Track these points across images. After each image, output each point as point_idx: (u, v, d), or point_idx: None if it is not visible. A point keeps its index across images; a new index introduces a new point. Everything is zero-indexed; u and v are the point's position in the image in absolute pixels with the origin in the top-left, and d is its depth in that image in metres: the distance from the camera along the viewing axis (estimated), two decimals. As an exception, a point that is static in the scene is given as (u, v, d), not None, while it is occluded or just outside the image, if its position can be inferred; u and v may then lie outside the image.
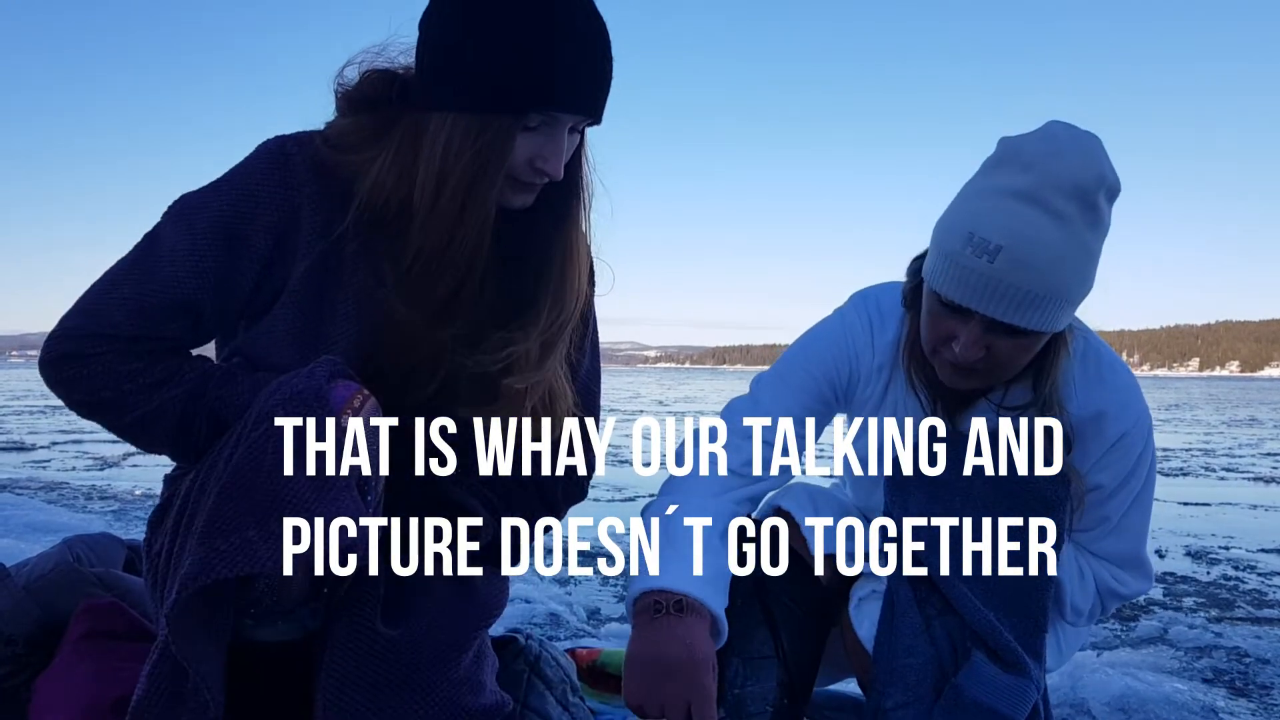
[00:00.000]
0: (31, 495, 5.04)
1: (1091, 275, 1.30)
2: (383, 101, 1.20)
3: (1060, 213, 1.23)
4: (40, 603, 1.56)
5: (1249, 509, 5.66)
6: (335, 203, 1.20)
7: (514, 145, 1.15)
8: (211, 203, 1.18)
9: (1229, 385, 75.31)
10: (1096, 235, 1.28)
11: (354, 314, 1.21)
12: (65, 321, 1.17)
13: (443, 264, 1.20)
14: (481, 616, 1.26)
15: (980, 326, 1.29)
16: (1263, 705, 2.15)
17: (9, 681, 1.50)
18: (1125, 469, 1.46)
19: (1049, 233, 1.23)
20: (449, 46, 1.14)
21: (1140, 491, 1.49)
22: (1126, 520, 1.49)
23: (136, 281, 1.17)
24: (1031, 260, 1.23)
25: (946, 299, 1.30)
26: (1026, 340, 1.31)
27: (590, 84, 1.15)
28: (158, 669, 1.07)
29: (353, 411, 1.08)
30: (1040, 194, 1.24)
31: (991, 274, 1.24)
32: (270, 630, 1.17)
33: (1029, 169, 1.25)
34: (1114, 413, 1.44)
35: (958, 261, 1.27)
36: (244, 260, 1.18)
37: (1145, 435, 1.47)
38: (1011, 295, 1.24)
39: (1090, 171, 1.25)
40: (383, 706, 1.14)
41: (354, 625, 1.14)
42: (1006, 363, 1.34)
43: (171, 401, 1.15)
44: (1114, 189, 1.29)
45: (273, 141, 1.22)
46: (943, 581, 1.42)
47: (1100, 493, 1.47)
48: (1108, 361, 1.48)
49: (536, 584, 3.08)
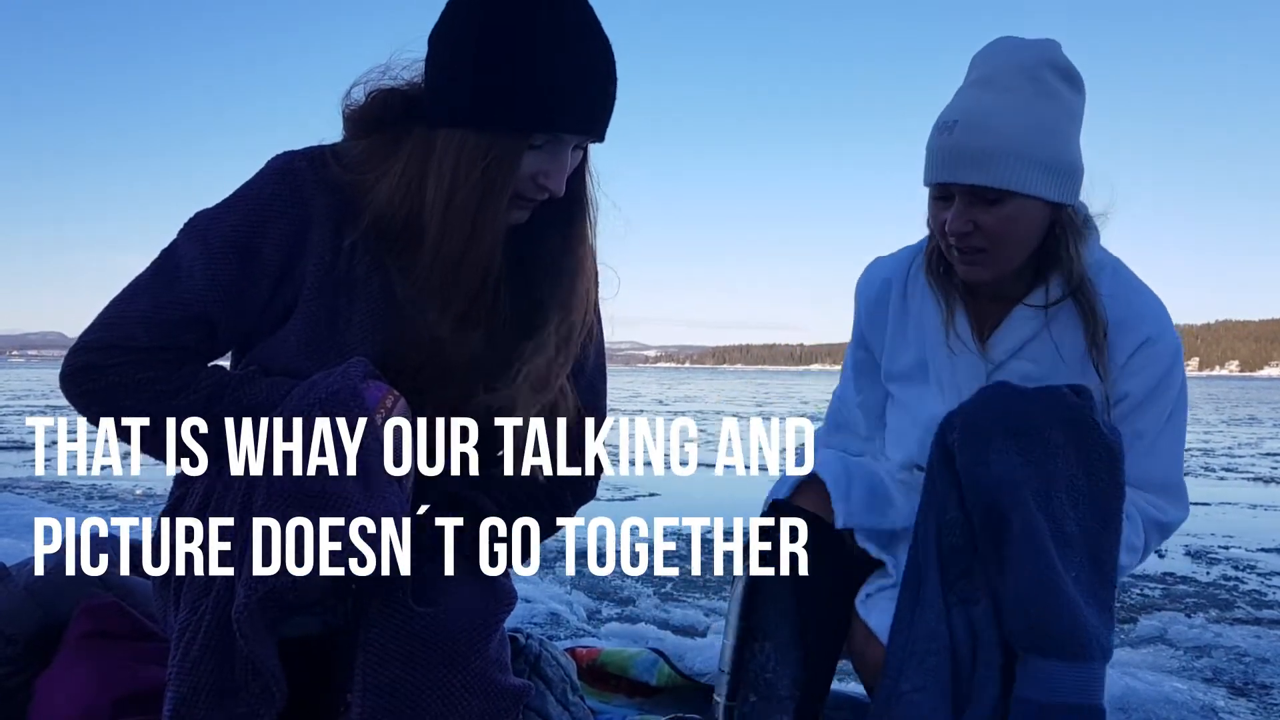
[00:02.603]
0: (31, 495, 5.05)
1: (1056, 141, 1.40)
2: (390, 119, 1.23)
3: (1006, 86, 1.41)
4: (40, 603, 1.56)
5: (1248, 509, 5.66)
6: (345, 217, 1.22)
7: (521, 163, 1.17)
8: (224, 218, 1.21)
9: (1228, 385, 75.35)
10: (1052, 103, 1.41)
11: (369, 326, 1.24)
12: (84, 336, 1.20)
13: (456, 279, 1.22)
14: (503, 601, 1.28)
15: (961, 201, 1.41)
16: (1262, 705, 2.15)
17: (9, 681, 1.50)
18: (1154, 378, 1.46)
19: (996, 101, 1.40)
20: (457, 64, 1.16)
21: (1173, 411, 1.49)
22: (1162, 440, 1.49)
23: (153, 295, 1.19)
24: (981, 123, 1.39)
25: (929, 184, 1.45)
26: (1006, 209, 1.40)
27: (594, 105, 1.18)
28: (200, 665, 1.09)
29: (385, 411, 1.11)
30: (988, 77, 1.43)
31: (952, 144, 1.40)
32: (289, 624, 1.18)
33: (981, 65, 1.46)
34: (1141, 317, 1.47)
35: (930, 147, 1.44)
36: (257, 274, 1.21)
37: (1174, 349, 1.49)
38: (970, 156, 1.38)
39: (1031, 53, 1.42)
40: (420, 679, 1.16)
41: (389, 604, 1.17)
42: (996, 237, 1.41)
43: (191, 407, 1.17)
44: (1058, 65, 1.42)
45: (282, 157, 1.24)
46: (1017, 539, 1.32)
47: (1128, 402, 1.47)
48: (1137, 281, 1.52)
49: (536, 583, 3.08)
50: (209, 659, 1.09)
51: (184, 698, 1.10)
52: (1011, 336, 1.51)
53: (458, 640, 1.19)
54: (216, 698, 1.10)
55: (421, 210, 1.20)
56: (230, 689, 1.10)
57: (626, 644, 2.34)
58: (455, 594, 1.22)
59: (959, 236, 1.42)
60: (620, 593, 3.13)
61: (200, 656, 1.10)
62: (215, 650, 1.09)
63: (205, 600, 1.11)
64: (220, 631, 1.09)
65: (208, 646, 1.09)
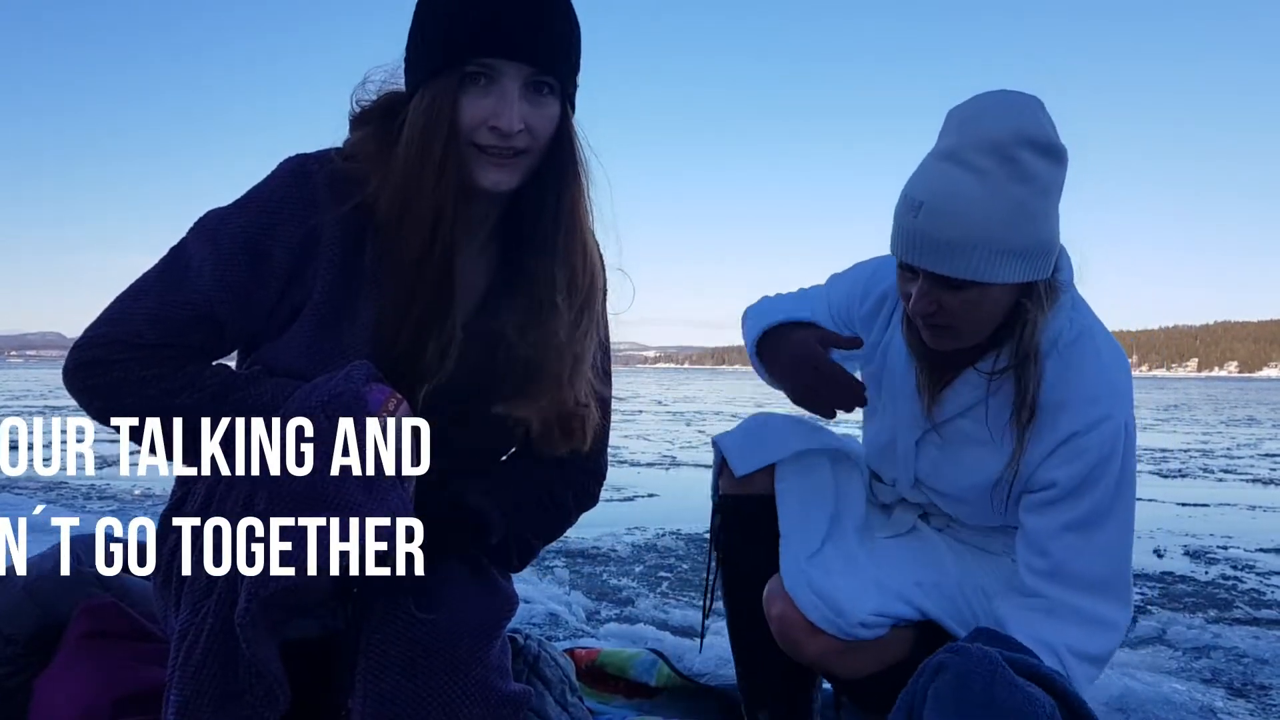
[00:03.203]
0: (31, 495, 5.05)
1: (1029, 226, 1.34)
2: (392, 114, 1.23)
3: (977, 167, 1.32)
4: (40, 603, 1.56)
5: (1247, 509, 5.67)
6: (354, 218, 1.22)
7: (458, 101, 1.16)
8: (235, 219, 1.21)
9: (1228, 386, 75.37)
10: (1025, 187, 1.33)
11: (374, 324, 1.23)
12: (90, 331, 1.19)
13: (409, 230, 1.19)
14: (504, 607, 1.28)
15: (926, 282, 1.38)
16: (1261, 705, 2.15)
17: (9, 681, 1.51)
18: (1086, 467, 1.40)
19: (964, 185, 1.33)
20: (411, 31, 1.19)
21: (1113, 503, 1.41)
22: (1100, 535, 1.42)
23: (160, 293, 1.19)
24: (947, 210, 1.33)
25: (897, 258, 1.41)
26: (970, 294, 1.37)
27: (527, 29, 1.15)
28: (202, 670, 1.09)
29: (388, 413, 1.11)
30: (959, 153, 1.34)
31: (917, 228, 1.35)
32: (290, 627, 1.18)
33: (953, 132, 1.37)
34: (1078, 402, 1.41)
35: (898, 222, 1.39)
36: (266, 275, 1.20)
37: (1110, 438, 1.40)
38: (935, 246, 1.34)
39: (1006, 127, 1.33)
40: (420, 687, 1.17)
41: (390, 611, 1.17)
42: (960, 317, 1.39)
43: (194, 406, 1.17)
44: (1036, 141, 1.33)
45: (293, 160, 1.24)
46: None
47: (1055, 491, 1.42)
48: (1093, 355, 1.45)
49: (536, 584, 3.08)
50: (212, 663, 1.09)
51: (187, 702, 1.09)
52: (956, 401, 1.51)
53: (459, 648, 1.19)
54: (219, 702, 1.09)
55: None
56: (233, 693, 1.10)
57: (625, 645, 2.34)
58: (458, 600, 1.22)
59: (924, 315, 1.41)
60: (619, 593, 3.14)
61: (203, 660, 1.09)
62: (218, 654, 1.09)
63: (207, 602, 1.11)
64: (223, 635, 1.09)
65: (210, 650, 1.09)
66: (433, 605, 1.19)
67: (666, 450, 8.82)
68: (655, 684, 2.04)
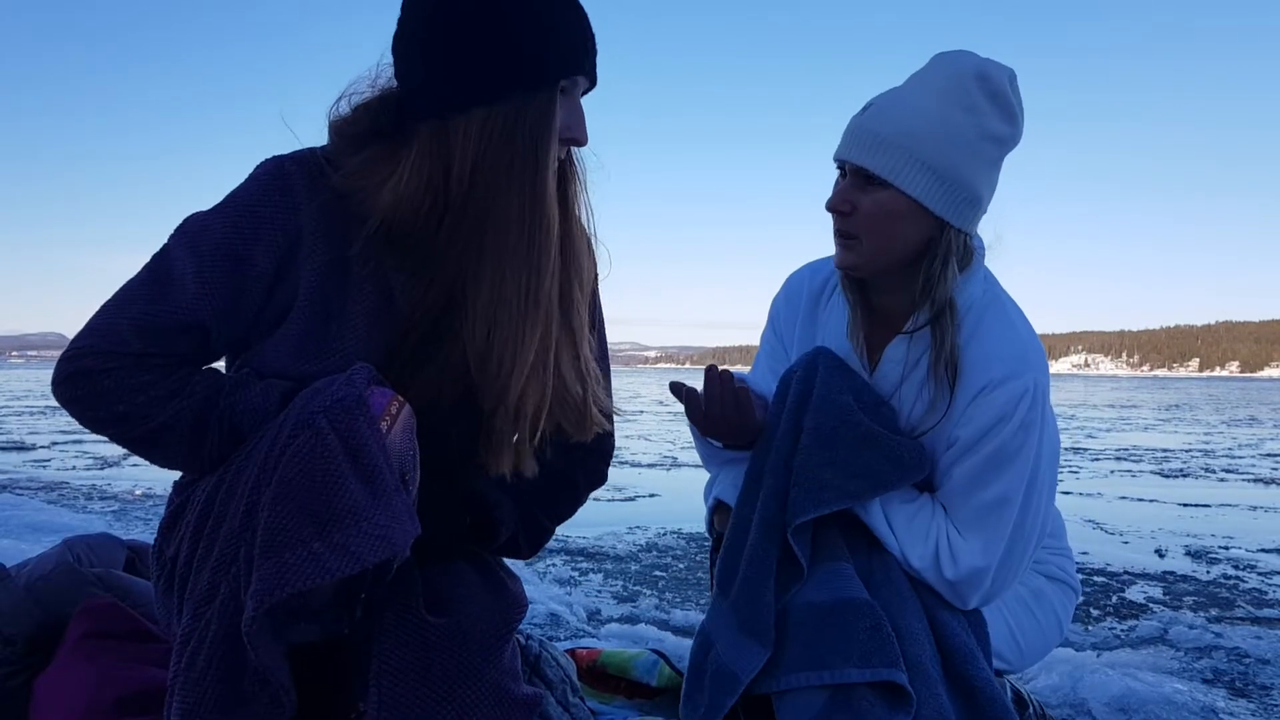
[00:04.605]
0: (31, 495, 5.05)
1: (953, 152, 1.39)
2: (386, 128, 1.23)
3: (930, 87, 1.43)
4: (40, 603, 1.56)
5: (1249, 509, 5.66)
6: (338, 219, 1.21)
7: (557, 115, 1.19)
8: (214, 225, 1.20)
9: (1229, 386, 75.35)
10: (966, 116, 1.40)
11: (364, 328, 1.23)
12: (77, 341, 1.19)
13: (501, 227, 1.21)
14: (514, 609, 1.28)
15: (848, 180, 1.45)
16: (1262, 706, 2.15)
17: (9, 681, 1.50)
18: (986, 422, 1.39)
19: (914, 96, 1.43)
20: (453, 49, 1.16)
21: (1001, 456, 1.38)
22: (976, 489, 1.40)
23: (146, 302, 1.18)
24: (888, 109, 1.42)
25: (835, 160, 1.48)
26: (881, 195, 1.41)
27: (594, 48, 1.22)
28: (206, 677, 1.08)
29: (390, 418, 1.11)
30: (923, 75, 1.46)
31: (860, 122, 1.44)
32: (292, 631, 1.18)
33: (928, 65, 1.47)
34: (989, 363, 1.42)
35: (848, 125, 1.47)
36: (249, 279, 1.20)
37: (1015, 396, 1.38)
38: (862, 137, 1.42)
39: (970, 65, 1.42)
40: (436, 692, 1.17)
41: (402, 616, 1.17)
42: (871, 223, 1.43)
43: (184, 412, 1.17)
44: (992, 89, 1.41)
45: (271, 161, 1.24)
46: None
47: (955, 449, 1.43)
48: (1005, 322, 1.46)
49: (536, 584, 3.08)
50: (215, 669, 1.07)
51: (190, 709, 1.08)
52: (892, 368, 1.51)
53: (472, 651, 1.19)
54: (224, 709, 1.08)
55: (438, 200, 1.20)
56: (238, 699, 1.08)
57: (626, 645, 2.34)
58: (469, 604, 1.22)
59: (837, 216, 1.46)
60: (620, 593, 3.13)
61: (206, 668, 1.08)
62: (221, 661, 1.07)
63: (209, 608, 1.09)
64: (226, 641, 1.07)
65: (213, 657, 1.07)
66: (443, 609, 1.19)
67: (667, 450, 8.81)
68: (657, 684, 2.03)
